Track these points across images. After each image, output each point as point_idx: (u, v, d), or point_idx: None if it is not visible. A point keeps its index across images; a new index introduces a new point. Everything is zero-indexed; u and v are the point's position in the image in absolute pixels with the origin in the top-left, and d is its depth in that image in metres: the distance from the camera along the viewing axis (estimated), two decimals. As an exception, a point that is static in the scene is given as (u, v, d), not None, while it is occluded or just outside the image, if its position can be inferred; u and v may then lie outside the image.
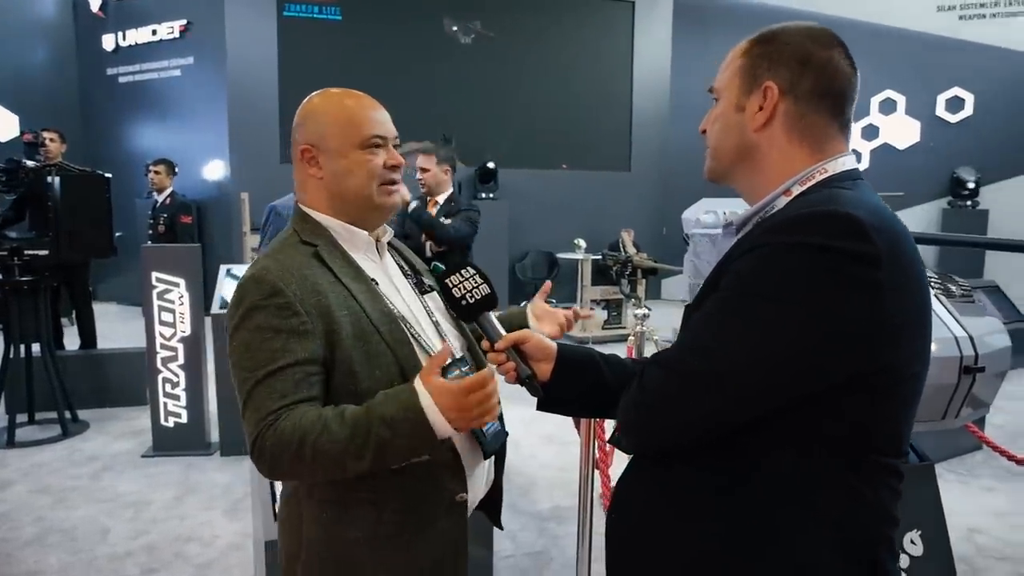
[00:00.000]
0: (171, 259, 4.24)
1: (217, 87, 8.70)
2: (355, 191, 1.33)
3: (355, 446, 1.13)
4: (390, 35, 9.31)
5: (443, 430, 1.13)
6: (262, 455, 1.16)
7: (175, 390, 4.27)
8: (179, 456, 4.22)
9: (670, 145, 10.36)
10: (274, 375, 1.17)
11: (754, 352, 0.94)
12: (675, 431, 1.03)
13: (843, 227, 0.91)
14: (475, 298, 1.32)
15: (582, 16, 10.00)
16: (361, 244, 1.38)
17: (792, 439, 0.97)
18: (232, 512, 3.52)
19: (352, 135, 1.32)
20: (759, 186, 1.09)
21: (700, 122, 1.19)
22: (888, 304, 0.92)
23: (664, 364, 1.03)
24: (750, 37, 1.13)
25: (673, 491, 1.07)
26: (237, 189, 8.14)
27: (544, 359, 1.28)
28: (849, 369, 0.93)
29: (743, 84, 1.09)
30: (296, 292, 1.22)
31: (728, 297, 0.98)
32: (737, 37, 1.16)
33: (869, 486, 0.99)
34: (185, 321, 4.23)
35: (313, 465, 1.15)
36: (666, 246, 9.95)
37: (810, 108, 1.06)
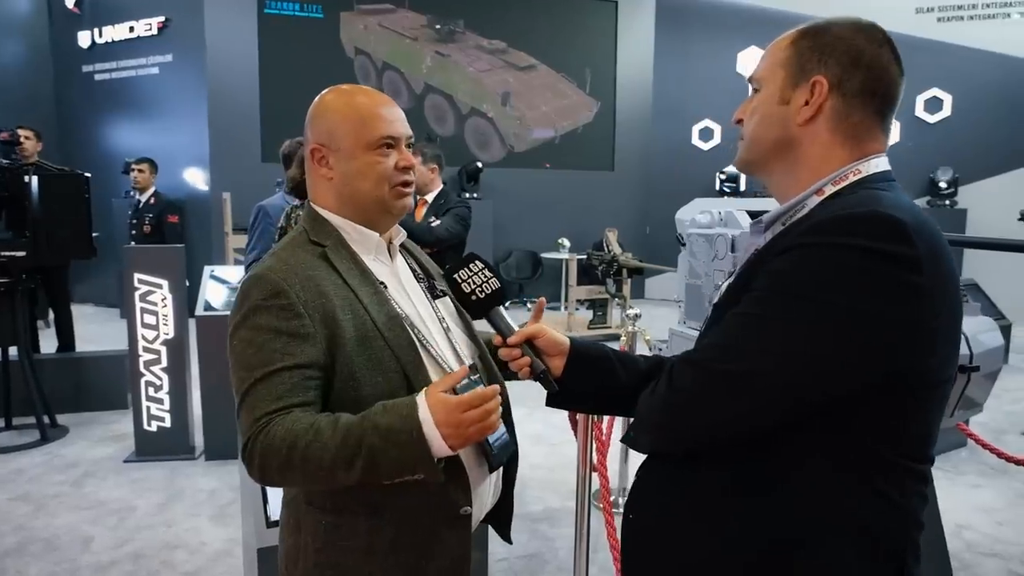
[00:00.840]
0: (154, 260, 4.15)
1: (197, 85, 8.57)
2: (366, 194, 1.30)
3: (345, 455, 1.09)
4: (372, 33, 9.24)
5: (439, 448, 1.08)
6: (252, 459, 1.13)
7: (158, 394, 4.19)
8: (163, 461, 4.14)
9: (653, 145, 10.39)
10: (271, 377, 1.14)
11: (792, 353, 0.92)
12: (707, 432, 1.01)
13: (886, 229, 0.90)
14: (485, 293, 1.29)
15: (565, 15, 10.00)
16: (372, 246, 1.34)
17: (824, 442, 0.96)
18: (219, 518, 3.46)
19: (363, 136, 1.28)
20: (792, 183, 1.07)
21: (682, 121, 1.19)
22: (927, 308, 0.91)
23: (697, 363, 1.01)
24: (799, 27, 1.09)
25: (698, 494, 1.05)
26: (218, 189, 8.04)
27: (557, 354, 1.27)
28: (886, 372, 0.92)
29: (789, 76, 1.06)
30: (299, 294, 1.18)
31: (766, 297, 0.96)
32: (718, 38, 1.14)
33: (898, 491, 0.98)
34: (168, 323, 4.15)
35: (303, 472, 1.11)
36: (649, 246, 9.99)
37: (856, 107, 1.03)
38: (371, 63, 9.30)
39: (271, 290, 1.18)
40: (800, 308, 0.92)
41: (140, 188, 5.95)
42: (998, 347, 2.07)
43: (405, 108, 1.36)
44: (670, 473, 1.10)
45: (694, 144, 10.38)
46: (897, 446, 0.97)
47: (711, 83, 10.13)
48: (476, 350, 1.42)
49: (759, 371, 0.94)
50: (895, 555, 1.00)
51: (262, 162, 8.63)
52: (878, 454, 0.96)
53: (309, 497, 1.27)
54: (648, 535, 1.12)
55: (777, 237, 1.04)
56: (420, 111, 9.36)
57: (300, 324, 1.17)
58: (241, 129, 8.64)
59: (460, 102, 9.64)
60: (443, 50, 9.56)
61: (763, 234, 1.11)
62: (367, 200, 1.31)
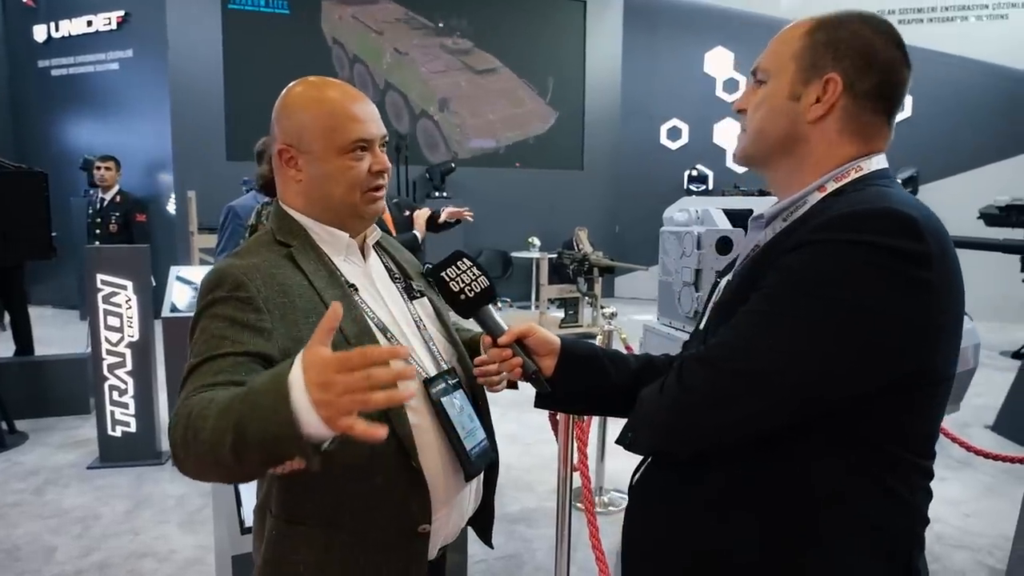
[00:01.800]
0: (118, 260, 4.03)
1: (158, 81, 8.38)
2: (337, 199, 1.24)
3: (223, 424, 0.90)
4: (339, 29, 9.13)
5: (309, 420, 0.83)
6: (168, 437, 1.01)
7: (123, 398, 4.07)
8: (128, 467, 4.02)
9: (622, 144, 10.45)
10: (214, 359, 1.07)
11: (804, 351, 0.91)
12: (718, 432, 0.99)
13: (898, 226, 0.89)
14: (474, 291, 1.25)
15: (534, 15, 9.99)
16: (342, 246, 1.28)
17: (835, 441, 0.95)
18: (188, 525, 3.37)
19: (335, 139, 1.21)
20: (794, 178, 1.06)
21: (650, 121, 1.17)
22: (935, 305, 0.91)
23: (709, 362, 0.98)
24: (811, 17, 1.06)
25: (707, 494, 1.03)
26: (182, 188, 7.86)
27: (548, 354, 1.24)
28: (898, 369, 0.91)
29: (801, 70, 1.03)
30: (260, 289, 1.14)
31: (777, 294, 0.94)
32: (686, 38, 1.11)
33: (906, 488, 0.98)
34: (133, 326, 4.04)
35: (194, 451, 0.94)
36: (619, 244, 10.04)
37: (867, 107, 1.02)
38: (344, 54, 9.20)
39: (232, 283, 1.13)
40: (812, 305, 0.91)
41: (105, 186, 5.77)
42: (975, 345, 2.10)
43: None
44: (676, 474, 1.08)
45: (662, 144, 10.45)
46: (905, 443, 0.97)
47: (679, 83, 10.22)
48: (455, 353, 1.37)
49: (771, 370, 0.93)
50: (903, 551, 1.00)
51: (227, 160, 8.48)
52: (887, 452, 0.96)
53: (267, 502, 1.22)
54: (654, 537, 1.10)
55: (781, 233, 1.02)
56: (382, 107, 9.28)
57: (258, 318, 1.12)
58: (205, 127, 8.47)
59: (413, 102, 9.59)
60: (401, 47, 9.48)
61: (763, 230, 1.09)
62: (338, 205, 1.25)
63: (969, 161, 8.79)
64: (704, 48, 10.10)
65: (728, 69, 10.04)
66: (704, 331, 1.12)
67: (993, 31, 8.75)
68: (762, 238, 1.08)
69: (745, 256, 1.11)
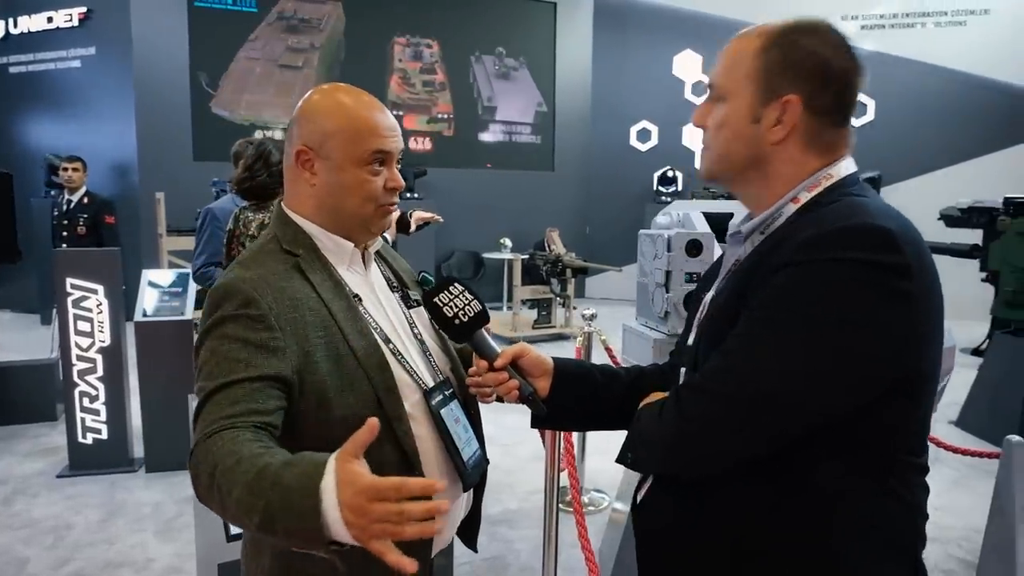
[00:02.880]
0: (88, 264, 3.94)
1: (122, 80, 8.20)
2: (349, 210, 1.23)
3: (249, 501, 0.91)
4: (307, 28, 9.04)
5: (338, 530, 0.84)
6: (191, 473, 1.01)
7: (94, 404, 3.98)
8: (100, 475, 3.94)
9: (592, 146, 10.51)
10: (230, 387, 1.06)
11: (801, 371, 0.93)
12: (724, 456, 1.01)
13: (878, 241, 0.92)
14: (468, 316, 1.24)
15: (504, 16, 10.01)
16: (346, 256, 1.27)
17: (836, 449, 0.98)
18: (165, 533, 3.31)
19: (355, 149, 1.20)
20: (764, 194, 1.07)
21: (620, 122, 1.18)
22: (918, 313, 0.94)
23: (706, 390, 1.00)
24: (761, 32, 1.05)
25: (715, 508, 1.05)
26: (148, 188, 7.69)
27: (542, 374, 1.25)
28: (890, 378, 0.95)
29: (759, 92, 1.03)
30: (271, 306, 1.12)
31: (766, 316, 0.96)
32: (655, 40, 1.11)
33: (906, 487, 1.01)
34: (104, 330, 3.95)
35: (221, 503, 0.96)
36: (589, 245, 10.11)
37: (827, 121, 1.04)
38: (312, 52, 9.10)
39: (242, 300, 1.12)
40: (804, 325, 0.93)
41: (72, 188, 5.62)
42: (951, 347, 2.17)
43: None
44: (685, 491, 1.09)
45: (632, 145, 10.54)
46: (899, 443, 1.00)
47: (648, 85, 10.31)
48: (449, 362, 1.37)
49: (770, 393, 0.95)
50: (908, 547, 1.03)
51: (194, 161, 8.33)
52: (884, 453, 0.99)
53: None
54: (666, 546, 1.13)
55: (761, 246, 1.04)
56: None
57: (270, 336, 1.11)
58: (171, 126, 8.31)
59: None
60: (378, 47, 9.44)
61: (742, 244, 1.10)
62: (349, 216, 1.24)
63: (929, 163, 9.03)
64: (673, 51, 10.21)
65: (697, 72, 10.16)
66: (695, 348, 1.13)
67: (952, 37, 9.00)
68: (742, 253, 1.10)
69: (726, 272, 1.13)
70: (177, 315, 4.00)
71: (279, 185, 2.99)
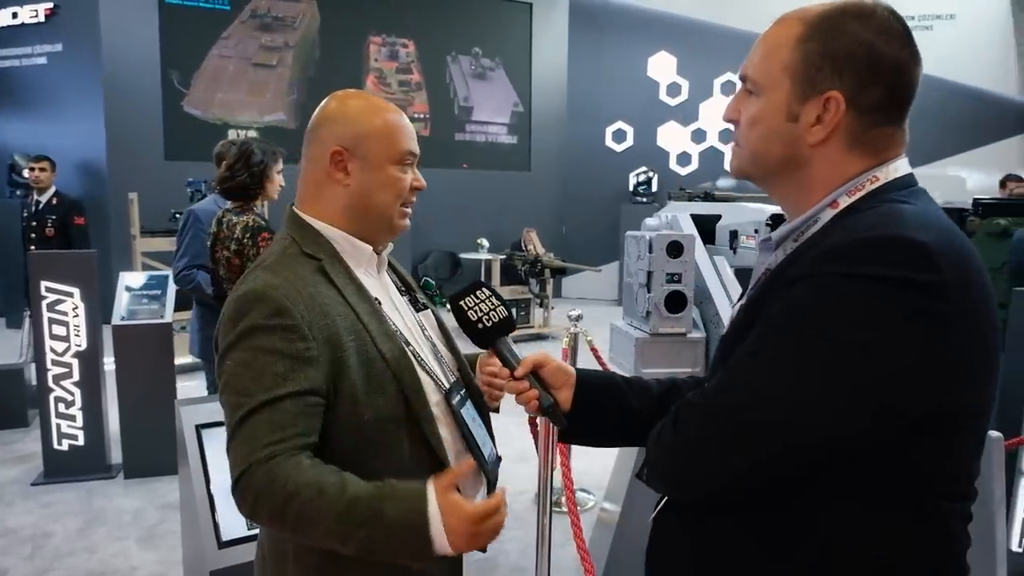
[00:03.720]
0: (64, 266, 3.85)
1: (91, 78, 8.02)
2: (380, 207, 1.25)
3: (342, 530, 1.02)
4: (281, 27, 8.93)
5: (441, 548, 1.01)
6: (245, 495, 1.05)
7: (70, 410, 3.89)
8: (77, 482, 3.85)
9: (568, 146, 10.55)
10: (272, 404, 1.06)
11: (809, 397, 0.84)
12: (718, 480, 0.93)
13: (907, 255, 0.81)
14: (492, 321, 1.22)
15: (480, 16, 10.00)
16: (363, 259, 1.28)
17: (853, 487, 0.87)
18: (148, 540, 3.25)
19: (391, 148, 1.24)
20: (802, 197, 0.97)
21: (596, 123, 1.13)
22: (955, 338, 0.82)
23: (704, 409, 0.92)
24: (802, 17, 0.93)
25: (717, 537, 0.97)
26: (118, 189, 7.54)
27: (564, 385, 1.17)
28: (915, 410, 0.83)
29: (796, 88, 0.92)
30: (304, 315, 1.11)
31: (777, 334, 0.87)
32: (630, 41, 1.06)
33: (937, 534, 0.90)
34: (81, 334, 3.86)
35: (293, 526, 1.05)
36: (566, 245, 10.14)
37: (876, 120, 0.92)
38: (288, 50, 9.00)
39: (274, 308, 1.10)
40: (815, 346, 0.83)
41: (40, 188, 5.48)
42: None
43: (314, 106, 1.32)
44: (690, 520, 1.01)
45: (608, 145, 10.61)
46: (932, 485, 0.88)
47: (623, 86, 10.39)
48: (456, 363, 1.39)
49: (773, 419, 0.86)
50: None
51: (166, 160, 8.18)
52: (913, 496, 0.88)
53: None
54: (669, 567, 1.07)
55: (788, 262, 0.94)
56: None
57: (305, 347, 1.10)
58: (142, 126, 8.14)
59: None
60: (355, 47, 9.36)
61: (774, 252, 1.01)
62: (378, 213, 1.26)
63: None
64: (648, 52, 10.30)
65: (671, 73, 10.26)
66: (715, 362, 1.06)
67: (919, 42, 9.16)
68: (772, 261, 1.01)
69: (756, 281, 1.04)
70: (156, 318, 3.93)
71: (259, 186, 2.96)
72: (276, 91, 8.92)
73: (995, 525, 2.38)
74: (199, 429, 2.39)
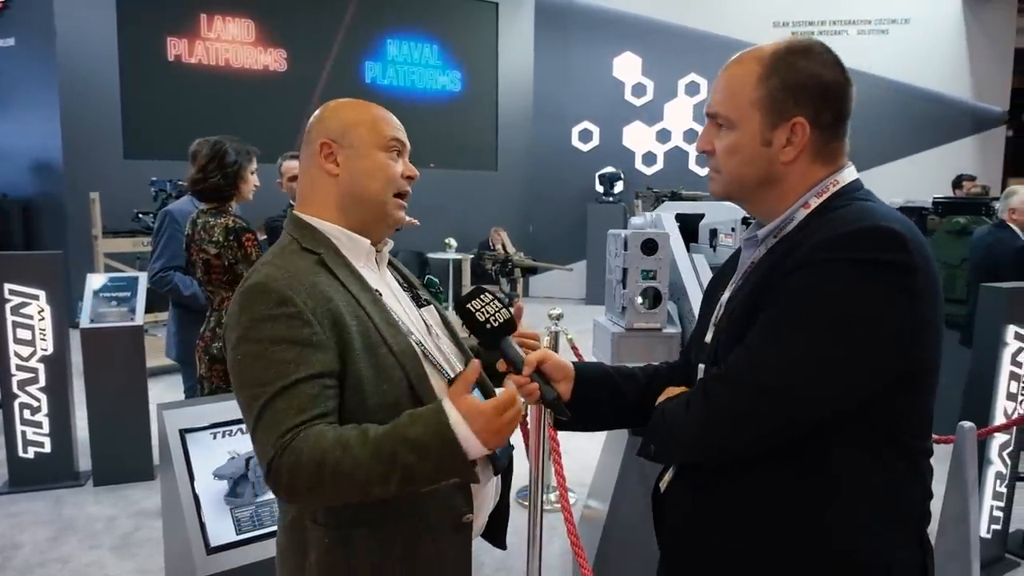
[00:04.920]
0: (28, 268, 3.72)
1: (46, 73, 7.77)
2: (371, 195, 1.29)
3: (379, 471, 1.07)
4: (247, 23, 8.77)
5: (475, 452, 1.09)
6: (279, 479, 1.09)
7: (36, 416, 3.76)
8: (44, 491, 3.73)
9: (535, 145, 10.58)
10: (289, 389, 1.10)
11: (820, 362, 1.01)
12: (748, 443, 1.07)
13: (890, 242, 1.00)
14: (498, 322, 1.28)
15: (447, 16, 9.96)
16: (362, 253, 1.32)
17: (850, 435, 1.05)
18: (123, 548, 3.17)
19: (375, 134, 1.29)
20: (776, 204, 1.15)
21: (562, 123, 1.24)
22: (924, 306, 1.02)
23: (733, 380, 1.07)
24: (756, 57, 1.12)
25: (736, 494, 1.11)
26: (75, 188, 7.34)
27: (563, 379, 1.28)
28: (901, 367, 1.02)
29: (767, 118, 1.10)
30: (307, 302, 1.15)
31: (788, 312, 1.03)
32: (595, 42, 1.15)
33: (914, 469, 1.10)
34: (47, 338, 3.74)
35: (334, 489, 1.09)
36: (532, 244, 10.18)
37: (830, 135, 1.12)
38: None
39: (276, 299, 1.14)
40: (824, 319, 1.01)
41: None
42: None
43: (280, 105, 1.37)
44: (704, 479, 1.15)
45: (574, 145, 10.67)
46: (909, 428, 1.09)
47: (589, 86, 10.46)
48: (462, 356, 1.42)
49: (792, 384, 1.02)
50: (916, 526, 1.11)
51: (124, 159, 7.97)
52: (895, 438, 1.07)
53: (314, 514, 1.23)
54: (690, 532, 1.18)
55: (776, 248, 1.12)
56: (298, 108, 9.00)
57: (311, 332, 1.13)
58: (99, 122, 7.91)
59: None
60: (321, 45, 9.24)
61: (757, 247, 1.18)
62: (371, 201, 1.29)
63: (856, 165, 9.47)
64: (613, 53, 10.39)
65: (636, 74, 10.37)
66: (714, 344, 1.19)
67: (875, 45, 9.48)
68: (756, 256, 1.18)
69: (742, 273, 1.20)
70: (126, 321, 3.83)
71: (233, 187, 2.89)
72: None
73: (968, 511, 2.47)
74: (183, 433, 2.33)
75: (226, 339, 1.20)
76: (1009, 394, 3.06)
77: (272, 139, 5.81)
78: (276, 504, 2.30)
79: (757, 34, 9.99)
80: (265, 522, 2.29)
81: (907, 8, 9.65)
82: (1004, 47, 9.80)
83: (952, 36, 9.62)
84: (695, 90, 10.22)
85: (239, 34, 8.73)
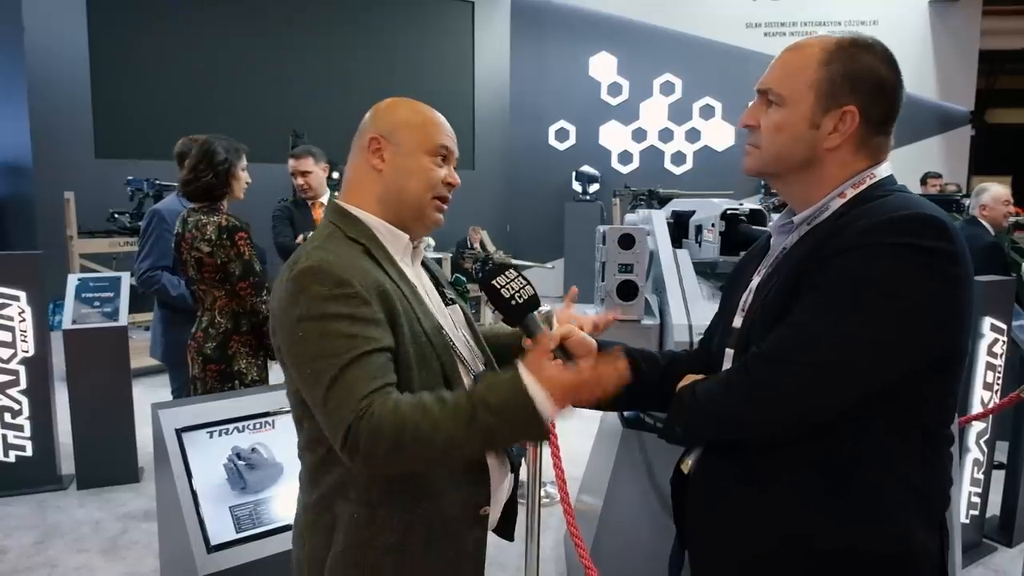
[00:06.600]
0: (8, 269, 3.66)
1: (13, 71, 7.60)
2: (410, 195, 1.32)
3: (461, 432, 1.11)
4: (222, 20, 8.65)
5: (550, 416, 1.13)
6: (356, 444, 1.10)
7: (17, 419, 3.69)
8: (26, 495, 3.66)
9: (512, 144, 10.60)
10: (360, 359, 1.13)
11: (866, 341, 1.04)
12: (793, 420, 1.10)
13: (935, 230, 1.05)
14: (523, 298, 1.31)
15: (423, 14, 9.93)
16: (401, 247, 1.35)
17: (882, 419, 1.09)
18: (112, 551, 3.13)
19: (423, 138, 1.32)
20: (812, 191, 1.18)
21: (539, 122, 1.27)
22: (962, 293, 1.07)
23: (777, 358, 1.09)
24: (822, 44, 1.15)
25: (770, 470, 1.14)
26: (46, 188, 7.18)
27: (586, 355, 1.30)
28: (940, 351, 1.07)
29: (820, 100, 1.13)
30: (361, 283, 1.18)
31: (834, 291, 1.06)
32: (571, 42, 1.19)
33: (937, 454, 1.14)
34: (28, 340, 3.68)
35: (412, 452, 1.11)
36: (511, 243, 10.20)
37: (876, 130, 1.16)
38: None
39: (335, 280, 1.16)
40: (872, 299, 1.04)
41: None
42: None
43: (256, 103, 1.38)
44: (741, 455, 1.18)
45: (551, 144, 10.72)
46: (935, 414, 1.13)
47: (565, 85, 10.51)
48: (483, 357, 1.44)
49: (837, 360, 1.05)
50: (937, 509, 1.15)
51: (96, 158, 7.82)
52: (923, 422, 1.11)
53: (345, 491, 1.25)
54: (724, 507, 1.20)
55: (809, 236, 1.16)
56: (274, 106, 8.92)
57: (370, 311, 1.17)
58: (70, 121, 7.73)
59: (318, 99, 9.29)
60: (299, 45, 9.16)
61: (790, 234, 1.22)
62: (409, 201, 1.32)
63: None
64: (589, 52, 10.45)
65: (612, 73, 10.45)
66: (746, 328, 1.21)
67: (845, 46, 9.65)
68: (788, 242, 1.21)
69: (774, 259, 1.23)
70: (110, 321, 3.78)
71: (225, 185, 2.85)
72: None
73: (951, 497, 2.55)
74: (179, 433, 2.32)
75: (279, 322, 1.21)
76: (986, 384, 3.16)
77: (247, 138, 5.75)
78: (274, 502, 2.33)
79: (730, 35, 10.16)
80: (264, 520, 2.29)
81: (875, 10, 9.85)
82: (969, 48, 10.08)
83: (919, 38, 9.86)
84: (670, 89, 10.33)
85: (213, 32, 8.62)
